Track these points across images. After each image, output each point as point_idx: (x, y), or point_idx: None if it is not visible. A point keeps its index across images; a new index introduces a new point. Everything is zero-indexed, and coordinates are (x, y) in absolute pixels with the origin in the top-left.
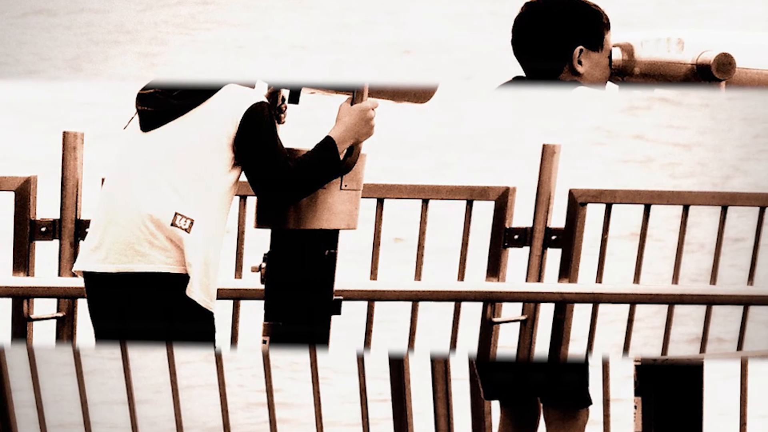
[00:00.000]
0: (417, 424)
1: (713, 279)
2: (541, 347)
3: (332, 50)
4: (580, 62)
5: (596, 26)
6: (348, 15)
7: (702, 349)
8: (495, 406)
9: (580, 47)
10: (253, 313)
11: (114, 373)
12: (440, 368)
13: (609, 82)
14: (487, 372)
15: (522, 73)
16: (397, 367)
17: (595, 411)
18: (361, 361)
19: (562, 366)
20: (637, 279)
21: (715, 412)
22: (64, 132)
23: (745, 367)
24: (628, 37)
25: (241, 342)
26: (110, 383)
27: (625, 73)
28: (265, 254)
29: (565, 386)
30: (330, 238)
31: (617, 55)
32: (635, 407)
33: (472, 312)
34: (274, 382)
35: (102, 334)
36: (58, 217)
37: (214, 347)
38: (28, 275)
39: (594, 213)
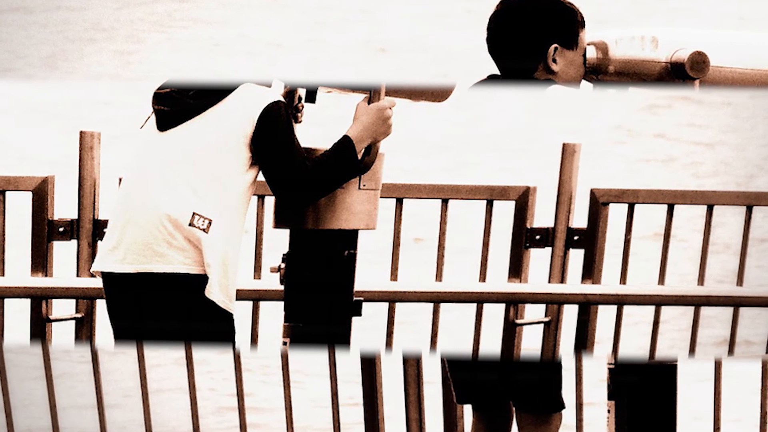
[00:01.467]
0: (389, 428)
1: (740, 280)
2: (566, 349)
3: (308, 48)
4: (554, 60)
5: (571, 24)
6: (323, 13)
7: (730, 352)
8: (467, 410)
9: (555, 45)
10: (273, 314)
11: (84, 377)
12: (412, 372)
13: (583, 81)
14: (460, 375)
15: (497, 72)
16: (369, 371)
17: (568, 415)
18: (333, 364)
19: (535, 369)
20: (661, 280)
21: (689, 416)
22: (81, 132)
23: (719, 370)
24: (603, 35)
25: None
26: (80, 387)
27: (599, 71)
28: (284, 255)
29: (538, 390)
30: (349, 238)
31: (592, 54)
32: (608, 411)
33: (495, 314)
34: (246, 385)
35: (121, 335)
36: (75, 217)
37: (234, 349)
38: (46, 275)
39: (616, 213)
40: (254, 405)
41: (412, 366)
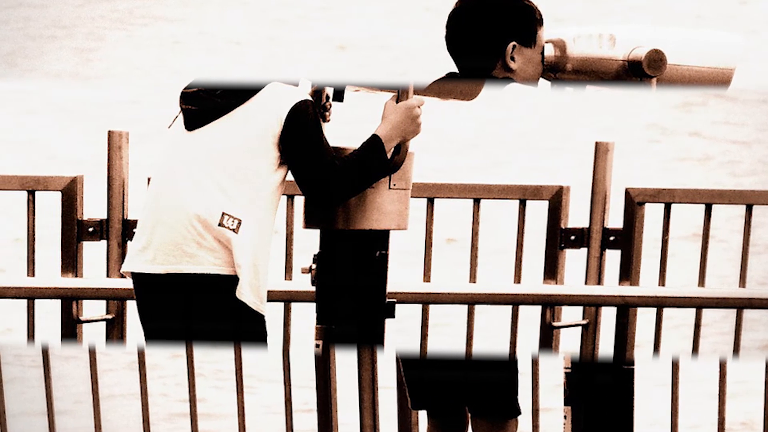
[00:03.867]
0: None
1: None
2: (606, 352)
3: (267, 45)
4: (513, 58)
5: (529, 22)
6: (283, 10)
7: None
8: (422, 416)
9: (513, 43)
10: (306, 315)
11: (34, 382)
12: (367, 377)
13: (541, 79)
14: (415, 380)
15: (456, 70)
16: (323, 377)
17: (524, 421)
18: (286, 369)
19: (491, 372)
20: (701, 282)
21: (646, 422)
22: (109, 131)
23: (677, 375)
24: (561, 32)
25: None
26: (30, 393)
27: (557, 69)
28: (314, 255)
29: (493, 395)
30: (380, 238)
31: (550, 51)
32: (565, 417)
33: (531, 316)
34: (198, 391)
35: (152, 336)
36: (105, 217)
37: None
38: (76, 276)
39: (652, 213)
40: (206, 411)
41: (366, 371)
